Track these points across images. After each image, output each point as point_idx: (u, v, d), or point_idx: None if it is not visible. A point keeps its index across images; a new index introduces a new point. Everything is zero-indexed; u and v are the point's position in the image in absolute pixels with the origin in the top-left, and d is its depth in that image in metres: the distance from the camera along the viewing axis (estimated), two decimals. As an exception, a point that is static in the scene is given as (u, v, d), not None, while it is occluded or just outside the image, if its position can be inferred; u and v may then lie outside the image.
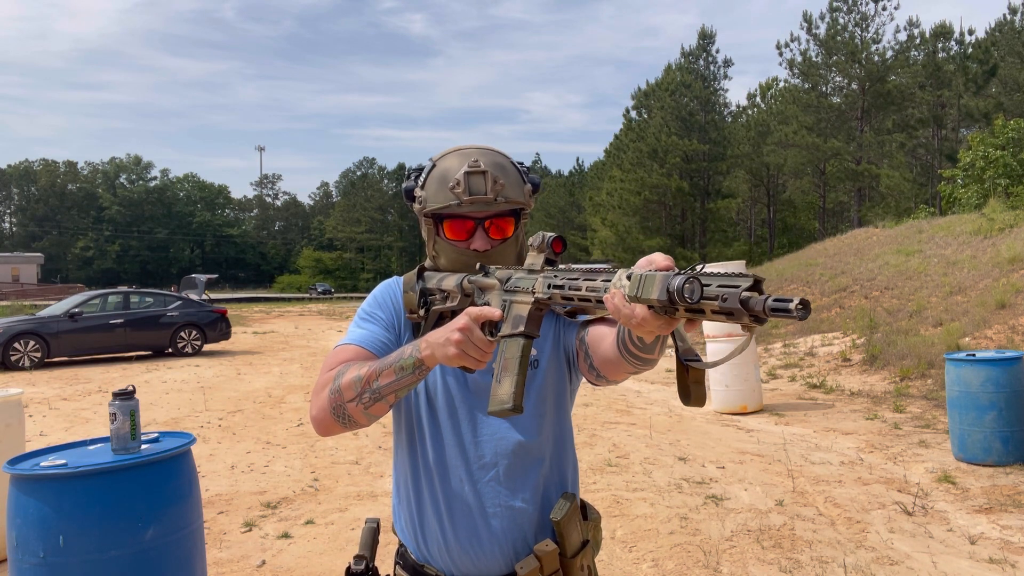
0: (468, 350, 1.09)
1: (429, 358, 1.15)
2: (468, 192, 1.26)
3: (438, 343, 1.12)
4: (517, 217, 1.34)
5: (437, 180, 1.29)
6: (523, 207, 1.34)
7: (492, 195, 1.26)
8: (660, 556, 3.97)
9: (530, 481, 1.35)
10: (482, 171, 1.26)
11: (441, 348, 1.12)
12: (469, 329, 1.09)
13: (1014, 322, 9.40)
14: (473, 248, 1.30)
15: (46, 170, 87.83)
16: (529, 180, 1.35)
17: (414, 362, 1.16)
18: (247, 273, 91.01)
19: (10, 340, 13.00)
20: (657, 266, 0.90)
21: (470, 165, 1.26)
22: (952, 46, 35.57)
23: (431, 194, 1.30)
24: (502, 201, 1.28)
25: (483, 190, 1.26)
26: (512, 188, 1.30)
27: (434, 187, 1.30)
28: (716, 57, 40.80)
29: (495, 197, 1.26)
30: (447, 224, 1.31)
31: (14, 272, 53.27)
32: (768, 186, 45.86)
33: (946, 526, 4.31)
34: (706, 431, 7.20)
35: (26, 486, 2.30)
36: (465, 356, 1.10)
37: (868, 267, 15.36)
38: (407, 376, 1.17)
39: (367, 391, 1.19)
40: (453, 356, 1.10)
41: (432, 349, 1.14)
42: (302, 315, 31.20)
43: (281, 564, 4.01)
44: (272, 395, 9.89)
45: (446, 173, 1.28)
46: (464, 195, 1.26)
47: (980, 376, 5.49)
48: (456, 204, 1.27)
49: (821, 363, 10.91)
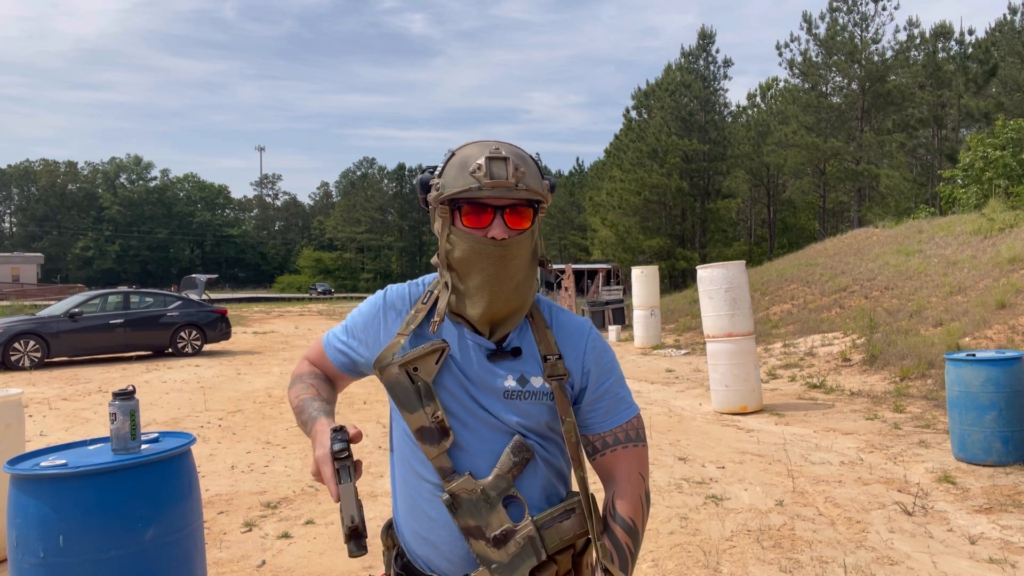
0: (320, 480, 1.22)
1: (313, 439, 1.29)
2: (489, 176, 1.24)
3: (313, 443, 1.26)
4: (535, 210, 1.33)
5: (457, 166, 1.28)
6: (542, 199, 1.32)
7: (513, 180, 1.25)
8: (660, 556, 3.97)
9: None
10: (504, 157, 1.25)
11: (313, 450, 1.26)
12: (319, 464, 1.21)
13: (1014, 322, 9.40)
14: (491, 236, 1.27)
15: (46, 170, 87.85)
16: (546, 178, 1.35)
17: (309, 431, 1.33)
18: (247, 273, 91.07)
19: (10, 340, 13.01)
20: None
21: (491, 152, 1.26)
22: (952, 46, 35.58)
23: (450, 180, 1.28)
24: (523, 188, 1.26)
25: (504, 175, 1.24)
26: (532, 179, 1.29)
27: (453, 172, 1.28)
28: (716, 57, 40.86)
29: (516, 183, 1.25)
30: (465, 211, 1.29)
31: (14, 272, 53.27)
32: (768, 186, 45.89)
33: (946, 526, 4.31)
34: (706, 431, 7.20)
35: (26, 486, 2.30)
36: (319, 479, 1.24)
37: (868, 267, 15.36)
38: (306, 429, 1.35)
39: (295, 415, 1.43)
40: (312, 472, 1.26)
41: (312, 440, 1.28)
42: (302, 315, 31.20)
43: (281, 564, 4.01)
44: (272, 395, 9.89)
45: (466, 159, 1.27)
46: (485, 179, 1.24)
47: (980, 376, 5.49)
48: (477, 188, 1.25)
49: (821, 363, 10.91)
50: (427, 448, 1.30)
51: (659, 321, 16.18)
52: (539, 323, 1.39)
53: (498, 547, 1.27)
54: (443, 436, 1.30)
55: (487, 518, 1.27)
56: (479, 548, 1.27)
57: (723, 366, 8.15)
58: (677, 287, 34.23)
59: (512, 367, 1.34)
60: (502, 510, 1.28)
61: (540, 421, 1.35)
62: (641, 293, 16.02)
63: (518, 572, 1.27)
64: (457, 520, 1.28)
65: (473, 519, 1.27)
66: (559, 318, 1.43)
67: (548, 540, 1.30)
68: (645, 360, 13.54)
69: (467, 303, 1.32)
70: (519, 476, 1.31)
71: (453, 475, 1.29)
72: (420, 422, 1.30)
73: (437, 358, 1.29)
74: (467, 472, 1.29)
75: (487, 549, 1.27)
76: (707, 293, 8.37)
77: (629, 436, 1.38)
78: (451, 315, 1.36)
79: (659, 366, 12.56)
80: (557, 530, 1.31)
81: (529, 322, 1.39)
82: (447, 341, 1.33)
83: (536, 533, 1.29)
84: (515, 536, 1.28)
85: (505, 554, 1.27)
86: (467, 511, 1.27)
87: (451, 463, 1.30)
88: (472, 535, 1.27)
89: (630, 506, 1.34)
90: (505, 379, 1.33)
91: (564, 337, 1.40)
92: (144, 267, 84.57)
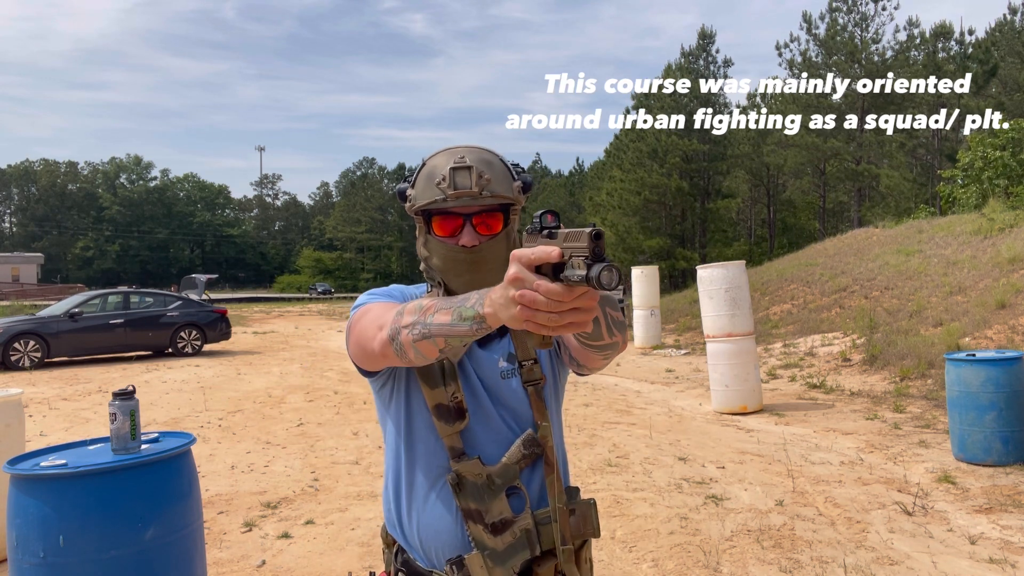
0: (536, 306, 0.86)
1: (491, 316, 0.96)
2: (453, 187, 1.27)
3: (499, 302, 0.93)
4: (506, 213, 1.34)
5: (425, 177, 1.31)
6: (511, 202, 1.34)
7: (477, 189, 1.27)
8: (660, 556, 3.97)
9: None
10: (467, 166, 1.27)
11: (504, 309, 0.92)
12: (520, 280, 0.87)
13: (1014, 322, 9.40)
14: (461, 244, 1.30)
15: (46, 170, 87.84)
16: (519, 178, 1.36)
17: (474, 315, 0.99)
18: (247, 273, 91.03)
19: (10, 340, 13.00)
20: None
21: (456, 161, 1.28)
22: (952, 46, 35.58)
23: (419, 191, 1.32)
24: (488, 195, 1.28)
25: (468, 185, 1.27)
26: (498, 183, 1.30)
27: (422, 184, 1.31)
28: (716, 57, 40.82)
29: (480, 191, 1.27)
30: (435, 221, 1.32)
31: (14, 272, 53.28)
32: (768, 186, 45.87)
33: (946, 526, 4.31)
34: (706, 431, 7.20)
35: (26, 486, 2.30)
36: (535, 315, 0.87)
37: (868, 267, 15.36)
38: (463, 326, 1.01)
39: (420, 322, 1.07)
40: (518, 316, 0.88)
41: (494, 308, 0.94)
42: (302, 315, 31.20)
43: (281, 564, 4.01)
44: (272, 395, 9.89)
45: (433, 170, 1.30)
46: (449, 189, 1.27)
47: (980, 376, 5.49)
48: (442, 199, 1.28)
49: (821, 363, 10.91)
50: (441, 425, 1.33)
51: (659, 321, 16.17)
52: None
53: (495, 534, 1.30)
54: (459, 417, 1.33)
55: (488, 504, 1.31)
56: (476, 532, 1.30)
57: (723, 366, 8.15)
58: (677, 287, 34.22)
59: (501, 348, 1.39)
60: (504, 499, 1.31)
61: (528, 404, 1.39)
62: (641, 293, 16.02)
63: (510, 563, 1.29)
64: (459, 500, 1.31)
65: (475, 503, 1.30)
66: None
67: (545, 536, 1.33)
68: (645, 360, 13.54)
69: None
70: (525, 469, 1.35)
71: (463, 456, 1.32)
72: (439, 399, 1.33)
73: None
74: (477, 456, 1.33)
75: (484, 534, 1.30)
76: (707, 293, 8.37)
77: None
78: None
79: (659, 366, 12.56)
80: (555, 528, 1.33)
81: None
82: None
83: (534, 527, 1.32)
84: (513, 527, 1.31)
85: (501, 542, 1.30)
86: (470, 493, 1.31)
87: (462, 444, 1.33)
88: (472, 518, 1.30)
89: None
90: (499, 361, 1.38)
91: None
92: (144, 267, 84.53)
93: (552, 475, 1.36)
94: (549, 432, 1.38)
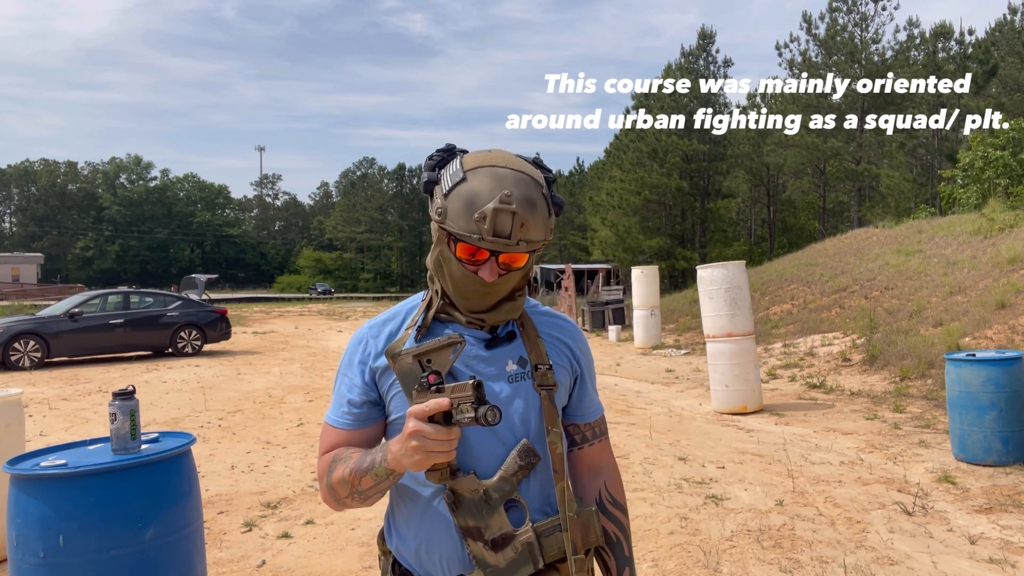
0: (431, 449, 1.10)
1: (396, 465, 1.16)
2: (492, 232, 1.21)
3: (400, 454, 1.13)
4: (532, 250, 1.30)
5: (464, 201, 1.23)
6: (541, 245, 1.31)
7: (515, 240, 1.22)
8: (660, 556, 3.97)
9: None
10: (512, 211, 1.21)
11: (406, 458, 1.13)
12: (419, 432, 1.09)
13: (1014, 322, 9.40)
14: (480, 275, 1.27)
15: (46, 170, 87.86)
16: (554, 203, 1.32)
17: (385, 470, 1.19)
18: (247, 273, 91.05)
19: (10, 340, 13.01)
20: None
21: (501, 200, 1.20)
22: (952, 46, 35.60)
23: (453, 213, 1.24)
24: (523, 244, 1.24)
25: (507, 231, 1.21)
26: (536, 229, 1.25)
27: (458, 206, 1.23)
28: (716, 57, 40.85)
29: (517, 242, 1.23)
30: (461, 245, 1.27)
31: (14, 272, 53.29)
32: (768, 186, 45.89)
33: (946, 526, 4.31)
34: (706, 431, 7.20)
35: (26, 486, 2.30)
36: (432, 456, 1.11)
37: (868, 267, 15.36)
38: (385, 481, 1.22)
39: (356, 492, 1.26)
40: (420, 462, 1.12)
41: (397, 460, 1.15)
42: (302, 315, 31.19)
43: (281, 564, 4.01)
44: (272, 395, 9.89)
45: (474, 199, 1.22)
46: (488, 233, 1.21)
47: (980, 376, 5.49)
48: (477, 238, 1.22)
49: (821, 363, 10.91)
50: None
51: (659, 321, 16.18)
52: (530, 332, 1.38)
53: (496, 550, 1.26)
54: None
55: (487, 520, 1.26)
56: (476, 549, 1.26)
57: (723, 366, 8.15)
58: (677, 287, 34.24)
59: (511, 351, 1.35)
60: (503, 513, 1.27)
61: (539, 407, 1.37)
62: (641, 293, 16.03)
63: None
64: (456, 519, 1.27)
65: (473, 519, 1.26)
66: (545, 321, 1.43)
67: (547, 548, 1.29)
68: (645, 360, 13.54)
69: (460, 306, 1.33)
70: (523, 481, 1.30)
71: (457, 472, 1.27)
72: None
73: (452, 352, 1.26)
74: (471, 471, 1.28)
75: (484, 552, 1.26)
76: (707, 293, 8.38)
77: (603, 430, 1.50)
78: (444, 316, 1.36)
79: (659, 366, 12.56)
80: (557, 539, 1.29)
81: (520, 331, 1.38)
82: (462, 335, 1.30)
83: (535, 540, 1.28)
84: (514, 541, 1.27)
85: (502, 558, 1.26)
86: (467, 510, 1.26)
87: (455, 460, 1.28)
88: (471, 536, 1.26)
89: (622, 492, 1.48)
90: (507, 364, 1.34)
91: (554, 335, 1.42)
92: (144, 267, 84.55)
93: (562, 483, 1.32)
94: (559, 439, 1.34)
